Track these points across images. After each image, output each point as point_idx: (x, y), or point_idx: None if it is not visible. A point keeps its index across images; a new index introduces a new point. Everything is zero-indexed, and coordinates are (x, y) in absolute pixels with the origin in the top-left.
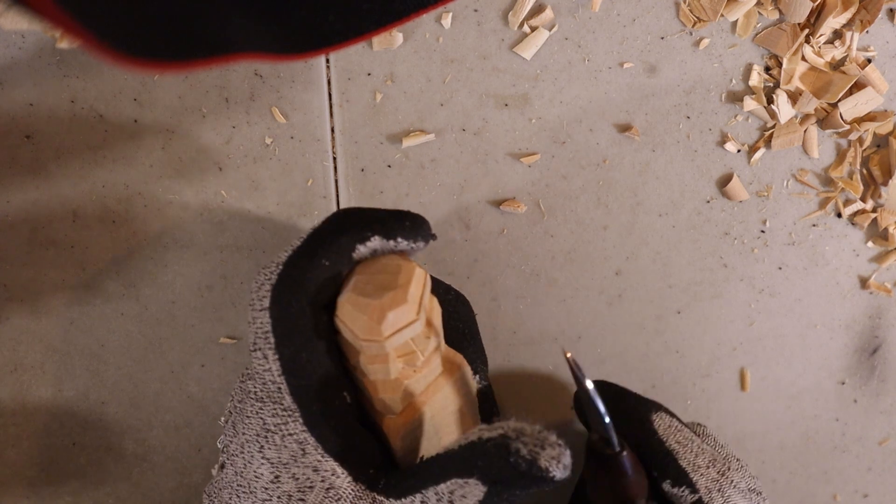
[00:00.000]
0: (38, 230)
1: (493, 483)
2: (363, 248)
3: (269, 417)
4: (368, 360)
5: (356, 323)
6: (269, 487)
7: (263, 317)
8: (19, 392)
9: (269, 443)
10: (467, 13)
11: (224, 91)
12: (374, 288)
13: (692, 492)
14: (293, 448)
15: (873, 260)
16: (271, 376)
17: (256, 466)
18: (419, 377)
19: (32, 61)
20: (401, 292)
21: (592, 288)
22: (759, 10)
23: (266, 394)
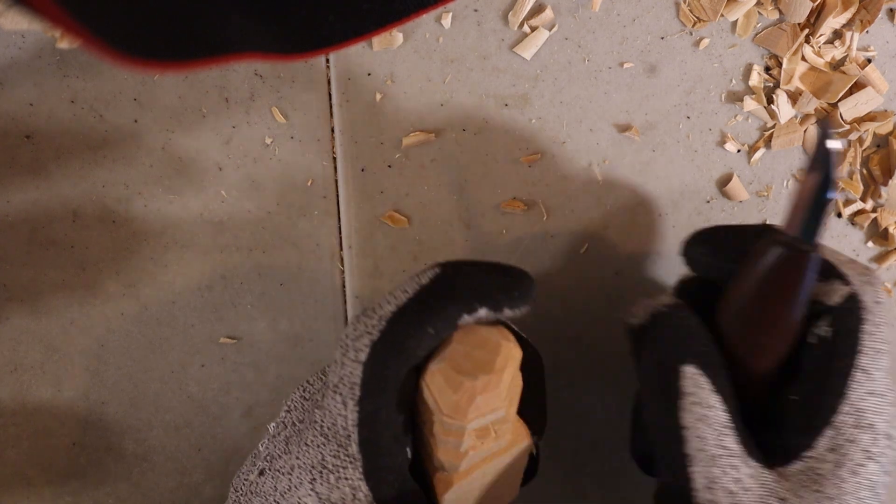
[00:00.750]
0: (38, 230)
1: None
2: (469, 317)
3: (330, 457)
4: (444, 432)
5: (443, 397)
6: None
7: (356, 368)
8: (19, 392)
9: (323, 479)
10: (467, 13)
11: (224, 91)
12: (471, 365)
13: (845, 283)
14: (346, 492)
15: (873, 260)
16: (344, 422)
17: (303, 494)
18: (484, 450)
19: (32, 61)
20: (495, 378)
21: (592, 288)
22: (759, 10)
23: (333, 434)
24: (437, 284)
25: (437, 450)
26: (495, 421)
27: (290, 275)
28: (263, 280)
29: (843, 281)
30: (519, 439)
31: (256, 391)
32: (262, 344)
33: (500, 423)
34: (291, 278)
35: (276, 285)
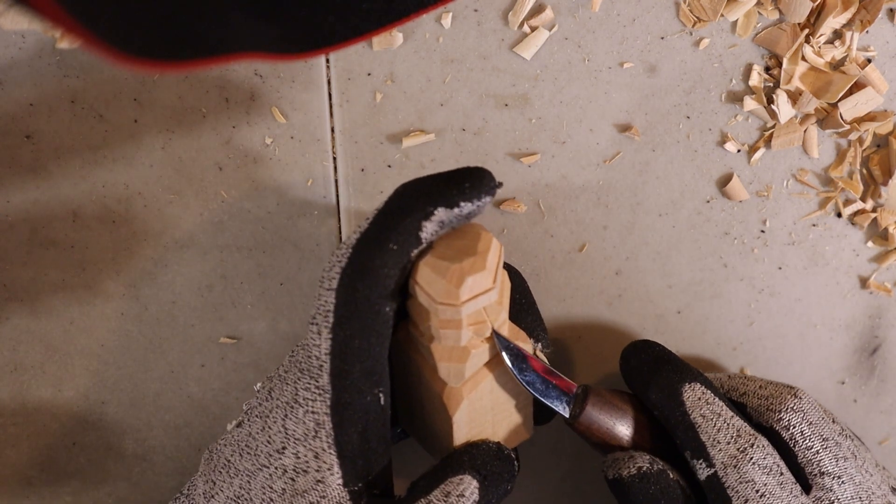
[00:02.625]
0: (38, 230)
1: (483, 474)
2: (429, 224)
3: (303, 390)
4: (441, 324)
5: (434, 286)
6: (273, 455)
7: (329, 296)
8: (19, 392)
9: (293, 414)
10: (467, 13)
11: (224, 91)
12: (453, 252)
13: (709, 465)
14: (310, 426)
15: (873, 260)
16: (318, 352)
17: (275, 432)
18: (485, 348)
19: (32, 61)
20: (480, 259)
21: (592, 288)
22: (759, 10)
23: (308, 367)
24: (391, 203)
25: (439, 355)
26: (488, 307)
27: (290, 275)
28: (263, 280)
29: (707, 462)
30: (520, 340)
31: None
32: (262, 344)
33: (494, 311)
34: (291, 278)
35: (276, 285)
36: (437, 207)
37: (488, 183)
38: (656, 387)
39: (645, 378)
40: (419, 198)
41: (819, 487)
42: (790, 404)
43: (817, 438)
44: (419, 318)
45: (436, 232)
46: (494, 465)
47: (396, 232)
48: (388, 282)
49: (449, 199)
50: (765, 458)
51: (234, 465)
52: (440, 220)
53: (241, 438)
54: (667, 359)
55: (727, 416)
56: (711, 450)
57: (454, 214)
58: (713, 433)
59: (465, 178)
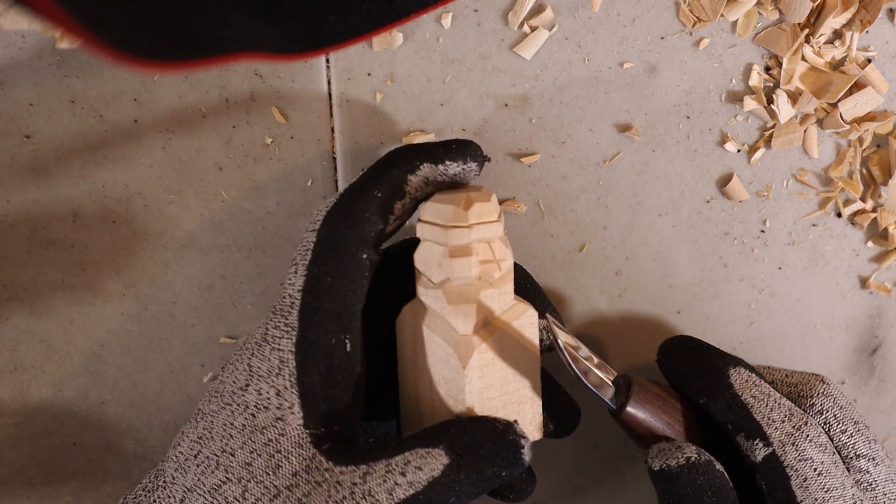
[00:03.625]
0: (38, 230)
1: (459, 453)
2: (413, 177)
3: (272, 329)
4: (451, 252)
5: (442, 213)
6: (236, 393)
7: (311, 236)
8: (19, 392)
9: (259, 352)
10: (467, 13)
11: (224, 91)
12: (456, 192)
13: (766, 445)
14: (274, 363)
15: (873, 260)
16: (292, 290)
17: (240, 372)
18: (494, 293)
19: (32, 61)
20: (484, 193)
21: (592, 288)
22: (759, 10)
23: (281, 306)
24: (382, 159)
25: (450, 300)
26: (495, 245)
27: None
28: (263, 280)
29: (764, 441)
30: (526, 308)
31: None
32: None
33: (501, 251)
34: None
35: (276, 285)
36: (423, 163)
37: (474, 150)
38: (703, 373)
39: (689, 367)
40: (408, 154)
41: (856, 470)
42: (820, 389)
43: (850, 422)
44: (428, 266)
45: (420, 187)
46: (485, 446)
47: (382, 181)
48: (367, 227)
49: (435, 155)
50: (819, 437)
51: (202, 410)
52: (425, 176)
53: (212, 387)
54: (707, 347)
55: (776, 396)
56: (767, 428)
57: (439, 171)
58: (767, 412)
59: (452, 142)
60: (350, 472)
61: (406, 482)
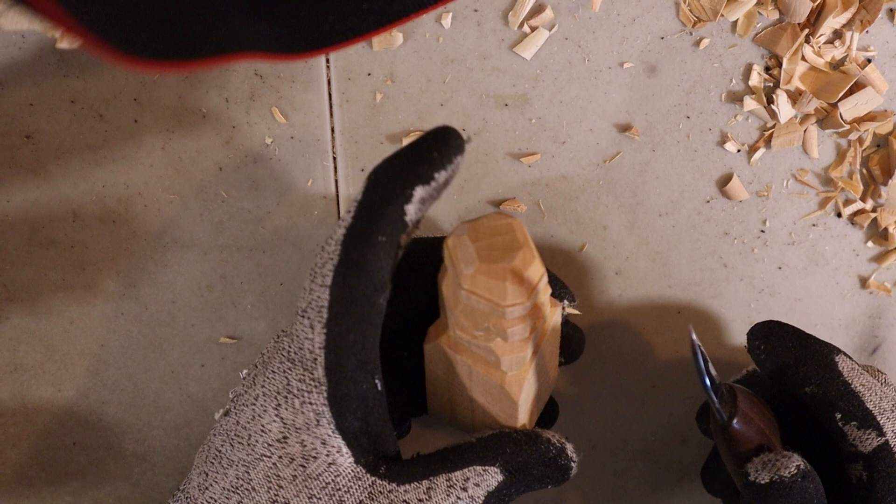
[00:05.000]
0: (38, 230)
1: (513, 471)
2: (411, 206)
3: (296, 381)
4: (509, 324)
5: (496, 291)
6: (274, 445)
7: (322, 292)
8: (19, 392)
9: (288, 404)
10: (467, 13)
11: (224, 91)
12: (499, 251)
13: (878, 434)
14: (309, 416)
15: (873, 260)
16: (311, 345)
17: (267, 421)
18: (541, 329)
19: (32, 61)
20: (528, 250)
21: (593, 288)
22: (759, 10)
23: (299, 358)
24: (369, 194)
25: (502, 353)
26: (544, 287)
27: (290, 275)
28: (263, 280)
29: (877, 431)
30: (555, 310)
31: None
32: (262, 344)
33: (546, 293)
34: (291, 278)
35: (276, 285)
36: (414, 188)
37: (455, 142)
38: (810, 359)
39: (793, 353)
40: (394, 182)
41: None
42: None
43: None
44: (472, 322)
45: (419, 210)
46: (538, 467)
47: (382, 222)
48: (381, 274)
49: (422, 175)
50: None
51: (227, 456)
52: (420, 198)
53: (229, 428)
54: (805, 334)
55: (878, 385)
56: (880, 418)
57: (432, 188)
58: (878, 402)
59: (431, 146)
60: (414, 489)
61: (467, 497)
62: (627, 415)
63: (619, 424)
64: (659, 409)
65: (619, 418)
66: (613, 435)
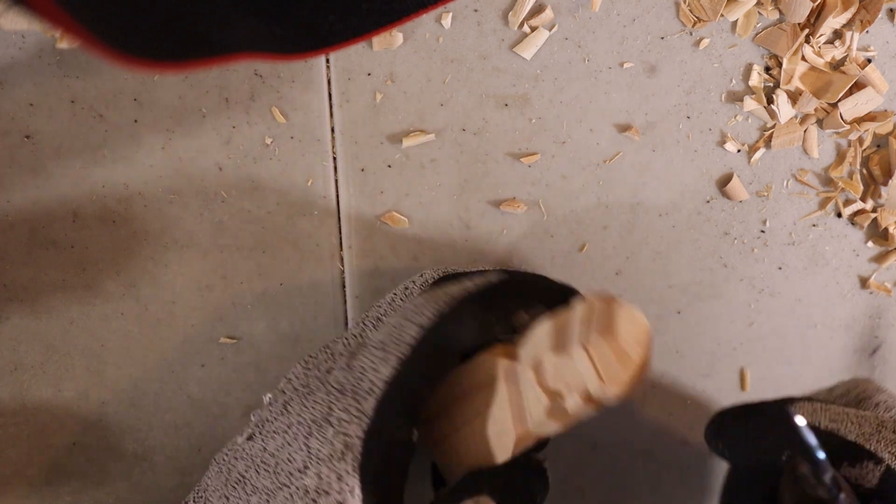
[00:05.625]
0: (38, 230)
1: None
2: (526, 314)
3: (339, 410)
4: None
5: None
6: (294, 474)
7: (414, 330)
8: (19, 392)
9: (320, 433)
10: (467, 13)
11: (224, 91)
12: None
13: (876, 462)
14: (337, 448)
15: (873, 260)
16: (374, 377)
17: (295, 449)
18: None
19: (32, 61)
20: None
21: (592, 288)
22: (759, 10)
23: (353, 387)
24: (502, 286)
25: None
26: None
27: (290, 275)
28: (263, 280)
29: (874, 460)
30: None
31: (256, 391)
32: (262, 344)
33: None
34: (291, 278)
35: (276, 285)
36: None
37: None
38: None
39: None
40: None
41: None
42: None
43: None
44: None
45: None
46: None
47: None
48: (469, 342)
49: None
50: None
51: (251, 482)
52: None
53: (255, 454)
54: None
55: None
56: (868, 445)
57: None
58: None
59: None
60: None
61: None
62: (627, 415)
63: (619, 424)
64: (659, 409)
65: (619, 418)
66: (614, 435)
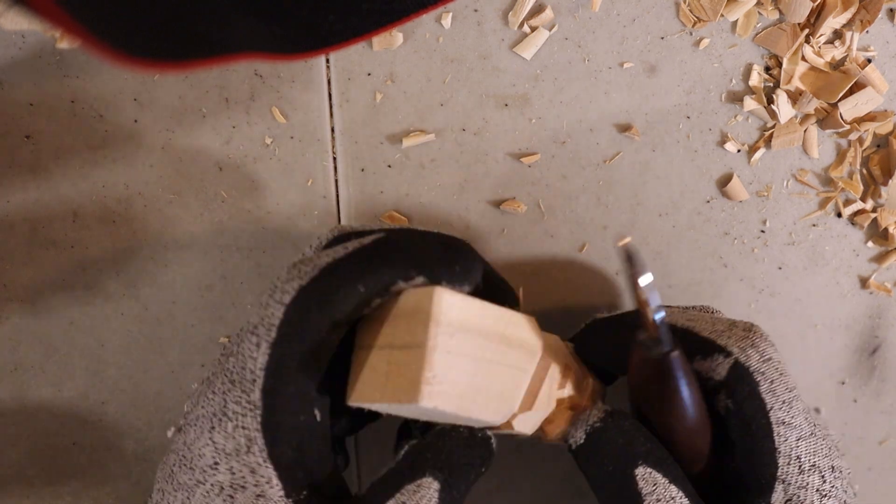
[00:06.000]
0: (38, 230)
1: (442, 469)
2: (404, 283)
3: (232, 403)
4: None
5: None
6: (207, 471)
7: (278, 310)
8: (19, 392)
9: (221, 427)
10: (467, 13)
11: (224, 91)
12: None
13: (725, 355)
14: (241, 442)
15: (873, 260)
16: (252, 365)
17: (202, 445)
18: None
19: (32, 61)
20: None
21: (592, 288)
22: (759, 10)
23: (240, 379)
24: (377, 247)
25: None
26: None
27: None
28: (263, 280)
29: (723, 353)
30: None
31: None
32: None
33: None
34: None
35: None
36: (419, 275)
37: (475, 274)
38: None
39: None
40: (408, 259)
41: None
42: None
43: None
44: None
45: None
46: (462, 454)
47: (372, 278)
48: (343, 317)
49: (434, 274)
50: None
51: (176, 478)
52: (415, 285)
53: (179, 447)
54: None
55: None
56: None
57: (448, 281)
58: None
59: (457, 260)
60: None
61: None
62: None
63: None
64: None
65: None
66: None
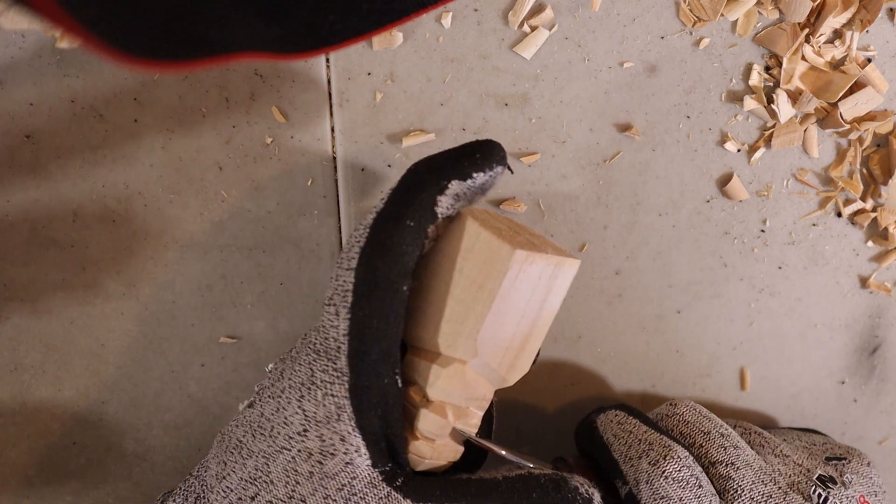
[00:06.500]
0: (38, 230)
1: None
2: (444, 198)
3: (319, 372)
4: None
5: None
6: (294, 438)
7: (348, 276)
8: (19, 392)
9: (311, 396)
10: (467, 13)
11: (224, 91)
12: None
13: (623, 483)
14: (331, 410)
15: (873, 259)
16: (336, 333)
17: (290, 413)
18: None
19: (32, 61)
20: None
21: (592, 288)
22: (759, 10)
23: (324, 348)
24: (406, 181)
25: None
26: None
27: (290, 275)
28: (263, 280)
29: (622, 480)
30: None
31: None
32: (262, 344)
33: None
34: (291, 278)
35: (276, 285)
36: (450, 181)
37: (498, 153)
38: (582, 433)
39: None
40: (432, 172)
41: (717, 477)
42: (665, 411)
43: (698, 434)
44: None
45: (451, 205)
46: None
47: (413, 208)
48: (406, 259)
49: (461, 171)
50: (680, 471)
51: (248, 447)
52: (455, 193)
53: (252, 419)
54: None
55: (639, 432)
56: (624, 466)
57: (467, 186)
58: (624, 450)
59: (475, 150)
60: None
61: None
62: None
63: None
64: None
65: None
66: None
